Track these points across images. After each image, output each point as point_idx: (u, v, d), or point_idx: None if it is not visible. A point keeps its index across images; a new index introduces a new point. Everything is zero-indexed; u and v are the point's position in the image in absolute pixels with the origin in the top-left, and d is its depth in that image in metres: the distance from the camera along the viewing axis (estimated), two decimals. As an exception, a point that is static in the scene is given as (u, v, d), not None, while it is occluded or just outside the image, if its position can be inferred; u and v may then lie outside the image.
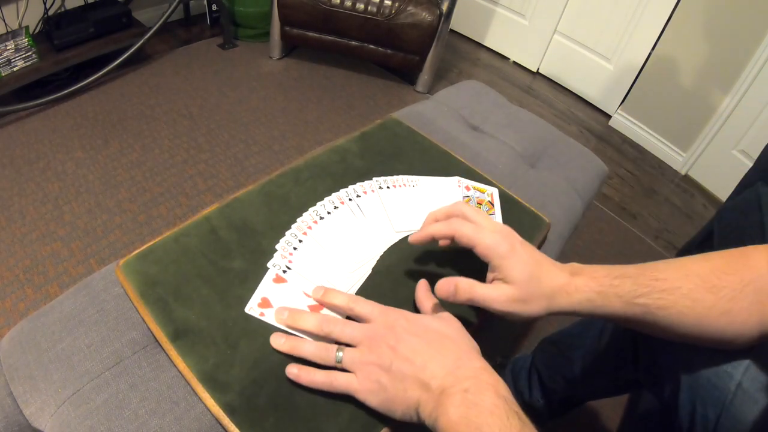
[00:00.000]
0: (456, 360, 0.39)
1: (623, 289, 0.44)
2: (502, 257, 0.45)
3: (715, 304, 0.44)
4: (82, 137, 1.41)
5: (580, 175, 0.88)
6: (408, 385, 0.39)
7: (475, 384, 0.37)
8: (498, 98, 1.01)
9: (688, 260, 0.47)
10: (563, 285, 0.45)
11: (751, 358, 0.48)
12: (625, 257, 1.42)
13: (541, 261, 0.46)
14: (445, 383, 0.37)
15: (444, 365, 0.39)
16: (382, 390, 0.40)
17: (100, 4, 1.60)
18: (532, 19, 2.11)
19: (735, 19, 1.55)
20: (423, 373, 0.39)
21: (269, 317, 0.47)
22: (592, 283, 0.45)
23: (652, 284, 0.44)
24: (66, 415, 0.42)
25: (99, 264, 1.10)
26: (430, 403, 0.37)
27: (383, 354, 0.40)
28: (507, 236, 0.47)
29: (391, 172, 0.67)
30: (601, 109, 2.06)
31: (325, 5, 1.62)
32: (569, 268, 0.46)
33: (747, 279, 0.44)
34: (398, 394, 0.39)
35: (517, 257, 0.45)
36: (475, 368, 0.39)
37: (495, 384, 0.38)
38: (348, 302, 0.46)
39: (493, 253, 0.45)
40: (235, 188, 1.33)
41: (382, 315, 0.43)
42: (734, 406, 0.47)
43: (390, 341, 0.41)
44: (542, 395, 0.86)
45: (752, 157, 1.59)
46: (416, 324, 0.43)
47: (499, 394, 0.37)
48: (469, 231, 0.46)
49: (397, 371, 0.39)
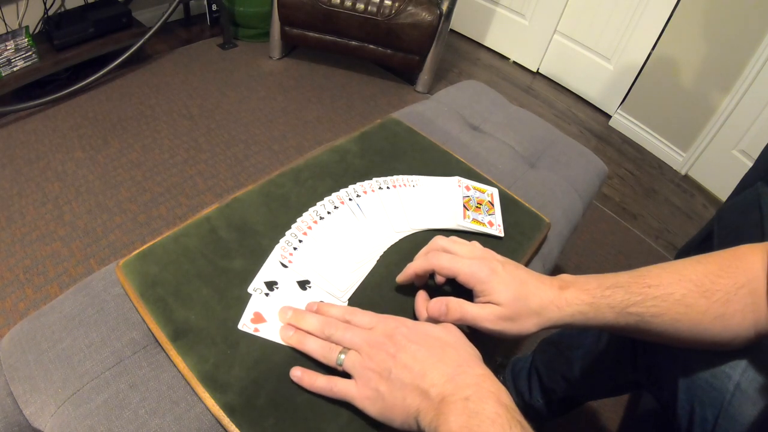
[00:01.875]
0: (456, 367, 0.39)
1: (615, 299, 0.44)
2: (484, 282, 0.45)
3: (709, 308, 0.44)
4: (82, 137, 1.41)
5: (580, 175, 0.88)
6: (407, 393, 0.38)
7: (477, 392, 0.36)
8: (498, 98, 1.01)
9: (681, 264, 0.47)
10: (552, 300, 0.44)
11: (748, 359, 0.48)
12: (625, 257, 1.42)
13: (526, 279, 0.46)
14: (445, 391, 0.37)
15: (444, 373, 0.38)
16: (380, 398, 0.39)
17: (100, 4, 1.60)
18: (532, 19, 2.11)
19: (735, 19, 1.55)
20: (422, 380, 0.38)
21: (264, 332, 0.46)
22: (583, 296, 0.44)
23: (645, 291, 0.44)
24: (66, 415, 0.42)
25: (99, 264, 1.10)
26: (430, 412, 0.37)
27: (382, 361, 0.40)
28: (485, 260, 0.46)
29: (391, 172, 0.67)
30: (601, 109, 2.06)
31: (325, 5, 1.62)
32: (558, 282, 0.46)
33: (741, 281, 0.44)
34: (397, 402, 0.38)
35: (498, 279, 0.45)
36: (477, 375, 0.38)
37: (497, 392, 0.37)
38: (344, 315, 0.46)
39: (474, 279, 0.45)
40: (235, 188, 1.33)
41: (381, 323, 0.43)
42: (732, 406, 0.47)
43: (390, 349, 0.40)
44: (542, 395, 0.86)
45: (752, 157, 1.59)
46: (416, 331, 0.42)
47: (501, 402, 0.36)
48: (446, 262, 0.47)
49: (395, 379, 0.39)
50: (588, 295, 0.44)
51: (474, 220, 0.63)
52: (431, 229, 0.61)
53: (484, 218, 0.64)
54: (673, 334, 0.45)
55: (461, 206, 0.64)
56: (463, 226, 0.61)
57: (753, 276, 0.44)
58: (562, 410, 0.86)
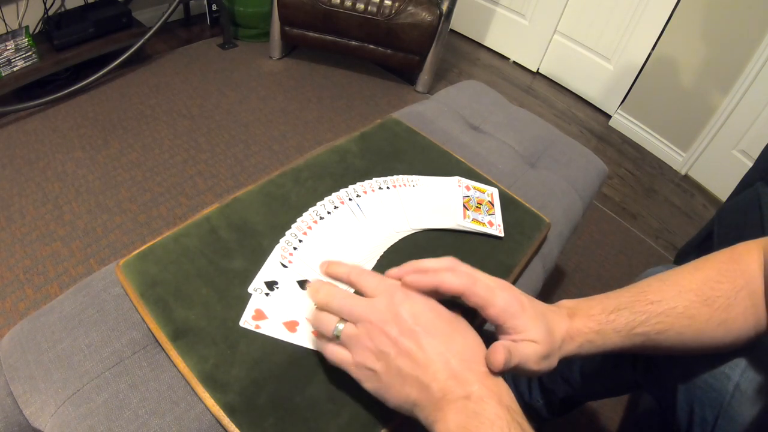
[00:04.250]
0: (461, 362, 0.37)
1: (620, 322, 0.43)
2: (516, 317, 0.40)
3: (711, 316, 0.43)
4: (82, 137, 1.41)
5: (580, 175, 0.88)
6: (406, 382, 0.37)
7: (478, 390, 0.35)
8: (498, 98, 1.01)
9: (679, 275, 0.46)
10: (567, 331, 0.42)
11: (748, 359, 0.48)
12: (625, 257, 1.42)
13: (544, 312, 0.42)
14: (447, 387, 0.35)
15: (448, 366, 0.36)
16: (376, 378, 0.38)
17: (100, 4, 1.60)
18: (532, 19, 2.11)
19: (735, 19, 1.55)
20: (425, 373, 0.36)
21: (265, 329, 0.47)
22: (590, 323, 0.43)
23: (649, 309, 0.43)
24: (66, 415, 0.42)
25: (99, 264, 1.10)
26: (429, 406, 0.36)
27: (382, 344, 0.37)
28: (511, 291, 0.41)
29: (391, 172, 0.67)
30: (601, 109, 2.06)
31: (325, 5, 1.62)
32: (565, 310, 0.44)
33: (740, 284, 0.44)
34: (394, 386, 0.37)
35: (527, 315, 0.40)
36: (480, 372, 0.36)
37: (499, 392, 0.35)
38: (349, 274, 0.42)
39: (507, 314, 0.40)
40: (235, 188, 1.33)
41: (386, 293, 0.39)
42: (732, 407, 0.47)
43: (392, 331, 0.37)
44: (542, 396, 0.86)
45: (752, 157, 1.59)
46: (424, 310, 0.39)
47: (502, 403, 0.34)
48: (482, 291, 0.40)
49: (395, 366, 0.37)
50: (594, 321, 0.43)
51: (474, 220, 0.63)
52: (431, 229, 0.61)
53: (484, 218, 0.64)
54: (678, 346, 0.45)
55: (461, 206, 0.64)
56: (463, 226, 0.61)
57: (751, 277, 0.44)
58: (562, 410, 0.86)
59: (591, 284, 1.29)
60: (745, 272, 0.44)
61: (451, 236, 0.61)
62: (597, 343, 0.43)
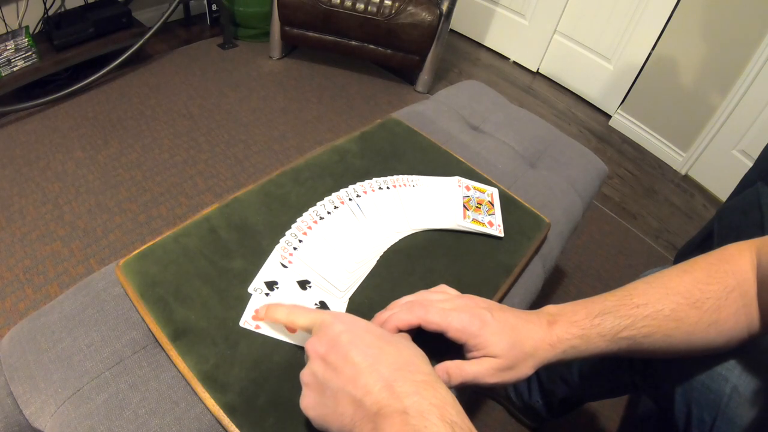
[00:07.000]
0: (395, 371, 0.34)
1: (605, 327, 0.43)
2: (476, 336, 0.41)
3: (701, 318, 0.43)
4: (82, 137, 1.41)
5: (580, 175, 0.88)
6: (339, 401, 0.34)
7: (417, 404, 0.32)
8: (498, 98, 1.01)
9: (667, 277, 0.46)
10: (543, 338, 0.42)
11: (745, 361, 0.48)
12: (625, 257, 1.42)
13: (515, 323, 0.43)
14: (381, 401, 0.32)
15: (380, 376, 0.34)
16: (318, 406, 0.36)
17: (100, 4, 1.60)
18: (532, 19, 2.11)
19: (735, 19, 1.55)
20: (355, 386, 0.34)
21: (265, 329, 0.47)
22: (572, 329, 0.43)
23: (634, 313, 0.43)
24: (66, 415, 0.42)
25: (99, 264, 1.10)
26: (366, 425, 0.33)
27: (317, 368, 0.36)
28: (472, 311, 0.42)
29: (391, 172, 0.67)
30: (601, 109, 2.06)
31: (325, 5, 1.62)
32: (546, 317, 0.44)
33: (731, 285, 0.43)
34: (329, 410, 0.35)
35: (490, 330, 0.41)
36: (417, 382, 0.34)
37: (441, 404, 0.32)
38: (287, 316, 0.43)
39: (466, 334, 0.41)
40: (235, 188, 1.33)
41: (324, 325, 0.39)
42: (730, 408, 0.47)
43: (320, 349, 0.37)
44: (542, 396, 0.86)
45: (752, 157, 1.59)
46: (356, 329, 0.38)
47: (444, 418, 0.31)
48: (436, 317, 0.42)
49: (325, 384, 0.35)
50: (577, 327, 0.43)
51: (474, 220, 0.63)
52: (431, 229, 0.61)
53: (484, 218, 0.64)
54: (666, 348, 0.44)
55: (461, 206, 0.64)
56: (463, 226, 0.62)
57: (742, 278, 0.44)
58: (561, 411, 0.86)
59: (591, 284, 1.29)
60: (736, 273, 0.44)
61: (451, 236, 0.61)
62: (581, 348, 0.43)
